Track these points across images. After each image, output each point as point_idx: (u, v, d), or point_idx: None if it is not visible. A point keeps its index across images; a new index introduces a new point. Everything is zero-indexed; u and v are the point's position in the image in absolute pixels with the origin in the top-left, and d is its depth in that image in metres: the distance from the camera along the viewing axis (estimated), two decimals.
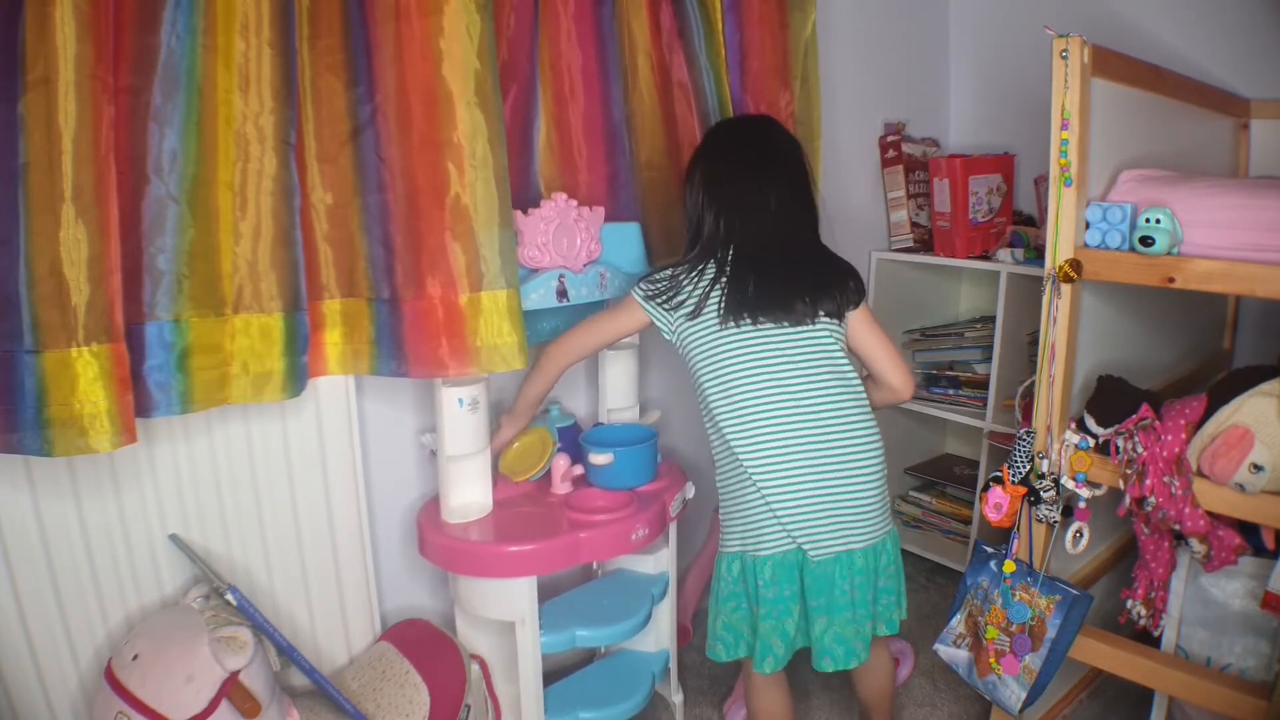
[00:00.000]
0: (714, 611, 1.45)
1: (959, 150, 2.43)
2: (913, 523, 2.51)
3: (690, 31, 1.69)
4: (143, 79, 1.15)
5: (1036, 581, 1.47)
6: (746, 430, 1.36)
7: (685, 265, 1.43)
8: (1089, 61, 1.32)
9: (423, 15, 1.26)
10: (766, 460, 1.36)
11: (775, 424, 1.36)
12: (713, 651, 1.45)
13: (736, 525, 1.41)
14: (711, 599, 1.46)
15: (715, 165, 1.46)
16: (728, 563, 1.42)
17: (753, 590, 1.39)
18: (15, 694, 1.23)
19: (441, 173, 1.30)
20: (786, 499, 1.35)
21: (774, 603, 1.37)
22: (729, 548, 1.43)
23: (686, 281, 1.41)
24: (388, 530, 1.64)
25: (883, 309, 2.39)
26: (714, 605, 1.45)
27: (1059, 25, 1.33)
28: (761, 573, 1.37)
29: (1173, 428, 1.34)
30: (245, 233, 1.26)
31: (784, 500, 1.35)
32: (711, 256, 1.41)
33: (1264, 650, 1.39)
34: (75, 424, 1.08)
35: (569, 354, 1.51)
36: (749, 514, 1.38)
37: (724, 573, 1.43)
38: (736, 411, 1.37)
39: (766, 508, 1.36)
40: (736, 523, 1.40)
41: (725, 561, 1.43)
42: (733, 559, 1.42)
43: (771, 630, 1.38)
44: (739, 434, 1.37)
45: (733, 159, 1.45)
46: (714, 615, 1.45)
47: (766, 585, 1.37)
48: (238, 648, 1.17)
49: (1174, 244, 1.32)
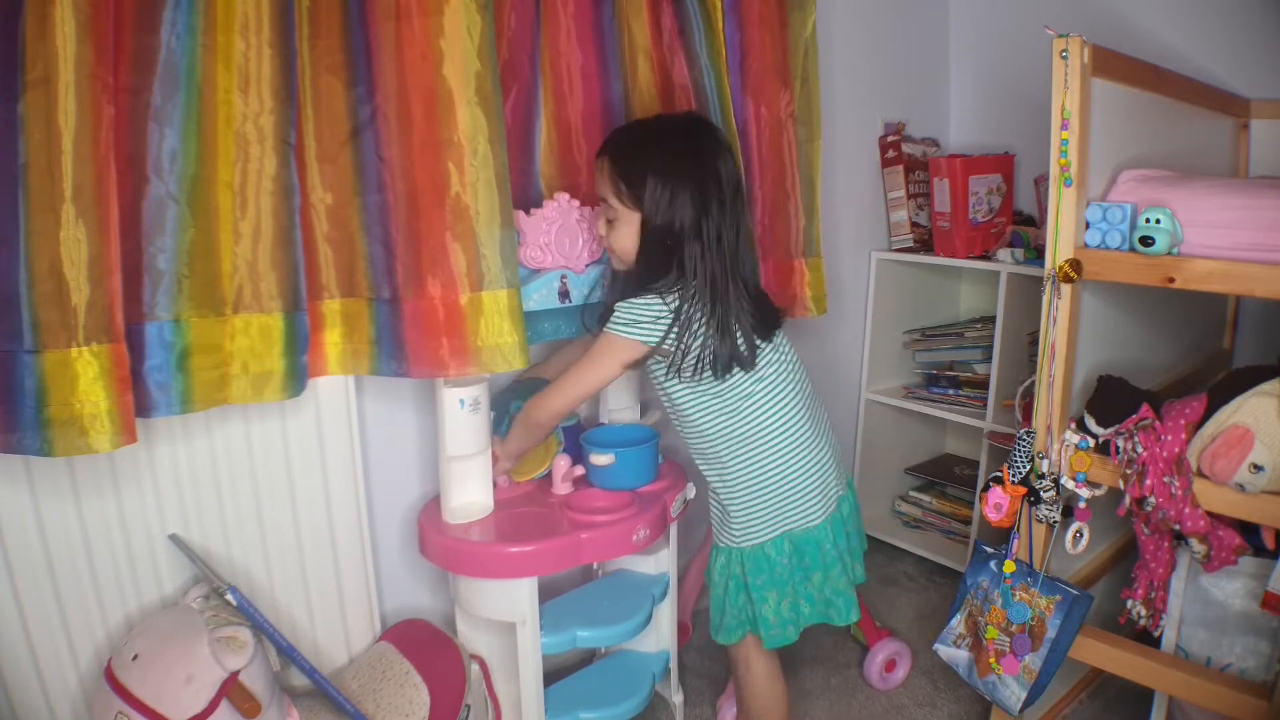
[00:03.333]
0: (766, 602, 1.42)
1: (959, 150, 2.43)
2: (913, 523, 2.52)
3: (690, 31, 1.69)
4: (143, 79, 1.15)
5: (1036, 581, 1.47)
6: (779, 417, 1.41)
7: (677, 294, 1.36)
8: (1089, 61, 1.32)
9: (423, 15, 1.26)
10: (801, 434, 1.42)
11: (800, 402, 1.45)
12: (784, 638, 1.44)
13: (773, 506, 1.41)
14: (754, 593, 1.42)
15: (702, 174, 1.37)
16: (775, 547, 1.42)
17: (812, 561, 1.43)
18: (15, 694, 1.23)
19: (442, 173, 1.30)
20: (820, 457, 1.44)
21: (837, 559, 1.44)
22: (766, 534, 1.42)
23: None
24: (388, 530, 1.64)
25: (883, 309, 2.40)
26: (761, 597, 1.42)
27: (1059, 25, 1.33)
28: (823, 538, 1.43)
29: (1173, 428, 1.34)
30: (245, 233, 1.25)
31: (818, 460, 1.43)
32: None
33: (1264, 650, 1.39)
34: (75, 424, 1.07)
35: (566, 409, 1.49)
36: (789, 493, 1.41)
37: (774, 557, 1.42)
38: (769, 407, 1.41)
39: (803, 478, 1.41)
40: (770, 508, 1.41)
41: (769, 547, 1.42)
42: (778, 543, 1.42)
43: (842, 585, 1.44)
44: (774, 422, 1.41)
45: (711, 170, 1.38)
46: (770, 604, 1.42)
47: (830, 547, 1.43)
48: (238, 648, 1.17)
49: (1174, 244, 1.32)
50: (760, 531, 1.43)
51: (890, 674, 1.88)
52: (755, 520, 1.43)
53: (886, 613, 2.17)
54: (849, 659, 1.97)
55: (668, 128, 1.45)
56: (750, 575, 1.43)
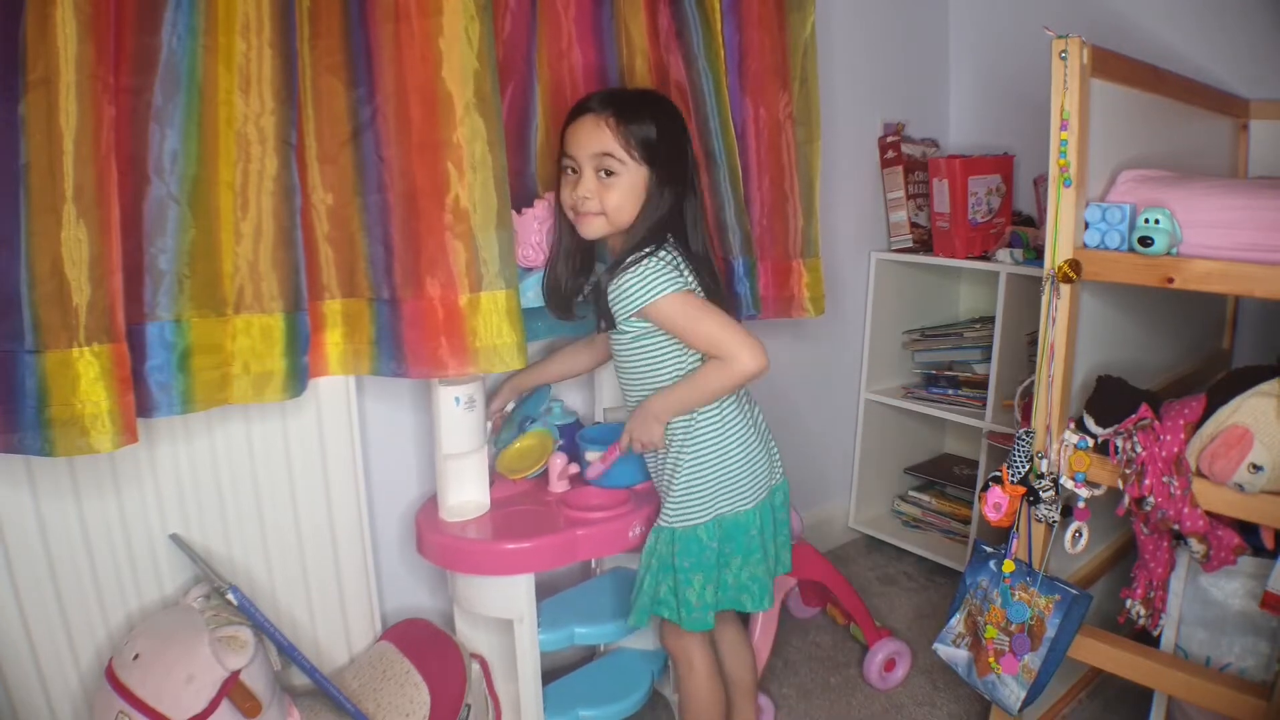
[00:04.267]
0: (691, 585, 1.40)
1: (958, 150, 2.43)
2: (912, 523, 2.52)
3: (688, 32, 1.69)
4: (143, 79, 1.15)
5: (1036, 581, 1.47)
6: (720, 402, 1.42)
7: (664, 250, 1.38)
8: (1088, 62, 1.32)
9: (422, 16, 1.27)
10: (745, 418, 1.44)
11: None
12: (703, 623, 1.42)
13: (708, 492, 1.40)
14: (680, 575, 1.40)
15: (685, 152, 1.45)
16: (706, 530, 1.40)
17: (735, 545, 1.43)
18: (15, 694, 1.23)
19: (441, 173, 1.30)
20: (752, 443, 1.44)
21: (760, 546, 1.45)
22: (700, 517, 1.40)
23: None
24: (388, 530, 1.64)
25: (882, 309, 2.40)
26: (687, 579, 1.40)
27: (1059, 25, 1.33)
28: (750, 523, 1.43)
29: (1172, 428, 1.34)
30: (246, 233, 1.26)
31: (750, 445, 1.44)
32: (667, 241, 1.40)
33: (1263, 650, 1.39)
34: (76, 424, 1.08)
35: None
36: (730, 474, 1.41)
37: (704, 540, 1.40)
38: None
39: (738, 461, 1.42)
40: (709, 489, 1.40)
41: (701, 530, 1.40)
42: (709, 526, 1.40)
43: (760, 572, 1.45)
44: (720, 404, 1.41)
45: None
46: (694, 588, 1.40)
47: (756, 533, 1.44)
48: (238, 647, 1.18)
49: (1173, 244, 1.32)
50: (697, 513, 1.41)
51: (890, 673, 1.88)
52: (693, 500, 1.40)
53: (886, 612, 2.17)
54: (849, 659, 1.97)
55: (658, 97, 1.50)
56: (679, 557, 1.40)
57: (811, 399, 2.35)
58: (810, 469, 2.38)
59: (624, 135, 1.36)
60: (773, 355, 1.36)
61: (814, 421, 2.37)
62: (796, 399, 2.30)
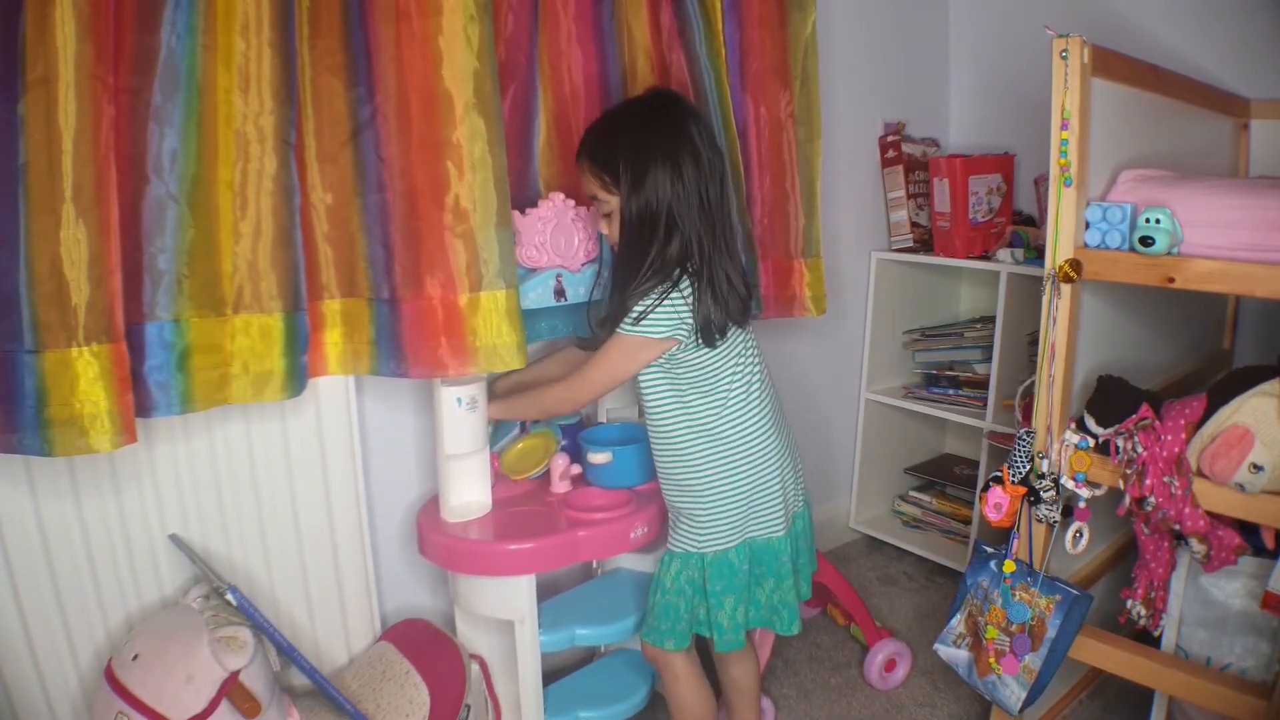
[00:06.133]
0: (722, 608, 1.42)
1: (959, 150, 2.43)
2: (913, 523, 2.52)
3: (690, 31, 1.69)
4: (143, 79, 1.15)
5: (1036, 581, 1.47)
6: (750, 419, 1.42)
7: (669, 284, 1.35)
8: (1089, 61, 1.32)
9: (422, 16, 1.26)
10: (770, 440, 1.44)
11: (771, 409, 1.47)
12: (736, 643, 1.44)
13: (738, 516, 1.41)
14: (713, 598, 1.42)
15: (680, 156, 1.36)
16: (737, 554, 1.42)
17: (767, 568, 1.45)
18: (15, 694, 1.23)
19: (441, 173, 1.30)
20: (784, 469, 1.46)
21: (791, 573, 1.47)
22: (730, 541, 1.41)
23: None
24: (388, 530, 1.64)
25: (883, 309, 2.40)
26: (719, 603, 1.42)
27: (1059, 25, 1.33)
28: (781, 550, 1.45)
29: (1173, 428, 1.34)
30: (245, 232, 1.26)
31: (782, 471, 1.45)
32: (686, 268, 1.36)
33: (1264, 650, 1.39)
34: (75, 424, 1.08)
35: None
36: (755, 500, 1.42)
37: (736, 564, 1.42)
38: (741, 404, 1.41)
39: (769, 487, 1.43)
40: (739, 514, 1.41)
41: (732, 554, 1.41)
42: (740, 550, 1.42)
43: (790, 598, 1.47)
44: (745, 424, 1.41)
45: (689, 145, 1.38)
46: (726, 611, 1.42)
47: (786, 560, 1.46)
48: (238, 647, 1.17)
49: (1174, 244, 1.32)
50: (726, 537, 1.42)
51: (890, 674, 1.88)
52: (722, 525, 1.42)
53: (886, 613, 2.17)
54: (849, 659, 1.97)
55: (632, 109, 1.49)
56: (711, 581, 1.42)
57: (812, 399, 2.35)
58: (810, 469, 2.34)
59: (597, 175, 1.40)
60: (773, 355, 1.36)
61: (814, 421, 2.37)
62: (797, 399, 2.30)
